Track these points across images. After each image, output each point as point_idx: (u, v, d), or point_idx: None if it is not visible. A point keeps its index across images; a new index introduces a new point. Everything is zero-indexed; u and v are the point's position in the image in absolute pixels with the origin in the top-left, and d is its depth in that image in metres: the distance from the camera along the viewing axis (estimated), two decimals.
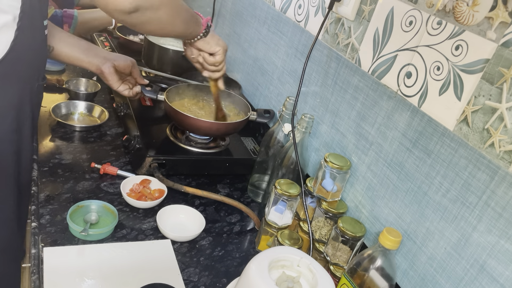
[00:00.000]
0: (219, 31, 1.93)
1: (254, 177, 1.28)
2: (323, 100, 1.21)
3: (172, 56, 1.65)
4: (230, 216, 1.18)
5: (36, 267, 0.89)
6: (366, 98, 1.06)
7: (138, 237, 1.03)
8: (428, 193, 0.88)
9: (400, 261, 0.94)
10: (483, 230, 0.77)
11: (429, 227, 0.87)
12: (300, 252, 0.77)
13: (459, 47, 0.83)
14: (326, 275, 0.74)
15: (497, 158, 0.75)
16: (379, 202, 1.00)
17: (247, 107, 1.40)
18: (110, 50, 1.91)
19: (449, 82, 0.84)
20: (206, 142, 1.34)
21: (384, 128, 1.00)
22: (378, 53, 1.03)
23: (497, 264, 0.74)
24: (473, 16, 0.80)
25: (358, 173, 1.07)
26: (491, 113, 0.76)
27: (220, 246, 1.07)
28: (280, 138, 1.22)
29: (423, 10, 0.91)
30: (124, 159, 1.29)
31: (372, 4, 1.05)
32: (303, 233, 1.07)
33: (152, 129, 1.35)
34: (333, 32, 1.19)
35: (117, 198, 1.14)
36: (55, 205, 1.06)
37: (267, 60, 1.52)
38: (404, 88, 0.95)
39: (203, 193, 1.14)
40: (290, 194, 1.02)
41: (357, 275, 0.86)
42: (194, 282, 0.95)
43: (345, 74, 1.13)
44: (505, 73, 0.74)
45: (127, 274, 0.93)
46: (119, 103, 1.49)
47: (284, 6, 1.43)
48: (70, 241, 0.98)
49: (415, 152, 0.91)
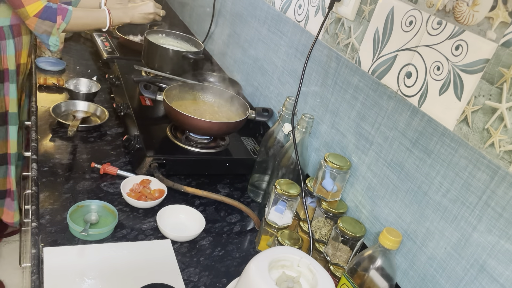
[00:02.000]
0: (219, 31, 1.93)
1: (254, 177, 1.28)
2: (323, 100, 1.21)
3: (172, 56, 1.66)
4: (230, 216, 1.19)
5: (36, 267, 0.89)
6: (366, 98, 1.06)
7: (138, 237, 1.04)
8: (428, 193, 0.88)
9: (400, 261, 0.94)
10: (483, 230, 0.77)
11: (429, 227, 0.87)
12: (300, 252, 0.77)
13: (459, 47, 0.83)
14: (326, 275, 0.74)
15: (497, 158, 0.75)
16: (379, 202, 1.00)
17: (246, 106, 1.40)
18: (110, 50, 1.92)
19: (449, 82, 0.84)
20: (206, 142, 1.34)
21: (384, 128, 1.00)
22: (378, 53, 1.03)
23: (497, 264, 0.75)
24: (473, 16, 0.80)
25: (358, 173, 1.07)
26: (491, 113, 0.76)
27: (220, 246, 1.07)
28: (280, 138, 1.22)
29: (423, 10, 0.91)
30: (124, 159, 1.29)
31: (372, 4, 1.05)
32: (303, 233, 1.07)
33: (152, 129, 1.35)
34: (333, 32, 1.19)
35: (117, 198, 1.14)
36: (55, 205, 1.06)
37: (267, 60, 1.52)
38: (404, 88, 0.95)
39: (203, 193, 1.14)
40: (290, 194, 1.02)
41: (357, 275, 0.86)
42: (194, 282, 0.95)
43: (345, 74, 1.13)
44: (505, 73, 0.74)
45: (127, 274, 0.93)
46: (119, 103, 1.49)
47: (284, 6, 1.43)
48: (70, 241, 0.98)
49: (415, 152, 0.91)
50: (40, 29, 1.26)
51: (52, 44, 1.33)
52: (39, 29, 1.27)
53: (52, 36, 1.30)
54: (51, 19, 1.25)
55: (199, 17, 2.21)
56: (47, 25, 1.26)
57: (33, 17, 1.23)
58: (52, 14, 1.25)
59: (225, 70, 1.84)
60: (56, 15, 1.27)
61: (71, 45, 2.00)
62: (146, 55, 1.71)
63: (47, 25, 1.26)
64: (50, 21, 1.26)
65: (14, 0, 1.21)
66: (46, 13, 1.24)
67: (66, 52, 1.91)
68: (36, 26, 1.25)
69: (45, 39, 1.31)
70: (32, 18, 1.23)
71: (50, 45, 1.34)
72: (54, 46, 1.35)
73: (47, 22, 1.25)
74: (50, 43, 1.32)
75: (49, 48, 1.35)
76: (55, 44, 1.34)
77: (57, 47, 1.36)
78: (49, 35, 1.29)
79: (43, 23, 1.25)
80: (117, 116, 1.50)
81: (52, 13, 1.25)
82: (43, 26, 1.26)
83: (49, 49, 1.37)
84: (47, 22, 1.25)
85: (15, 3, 1.21)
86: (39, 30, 1.27)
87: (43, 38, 1.31)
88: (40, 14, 1.24)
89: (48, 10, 1.24)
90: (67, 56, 1.87)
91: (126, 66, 1.70)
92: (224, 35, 1.88)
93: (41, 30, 1.27)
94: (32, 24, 1.25)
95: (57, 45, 1.36)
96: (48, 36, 1.29)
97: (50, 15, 1.25)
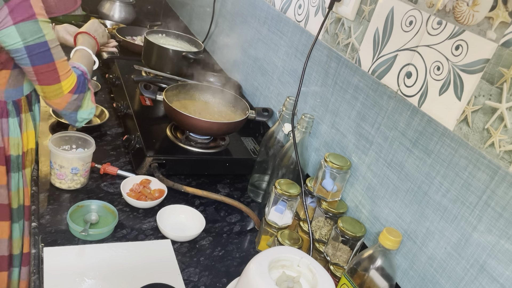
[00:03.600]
0: (219, 31, 1.93)
1: (254, 177, 1.28)
2: (323, 100, 1.21)
3: (172, 56, 1.66)
4: (230, 216, 1.18)
5: (36, 267, 0.89)
6: (366, 98, 1.06)
7: (138, 237, 1.03)
8: (428, 193, 0.88)
9: (400, 261, 0.94)
10: (483, 230, 0.77)
11: (429, 227, 0.87)
12: (300, 252, 0.77)
13: (459, 47, 0.83)
14: (326, 275, 0.74)
15: (497, 158, 0.75)
16: (379, 202, 1.00)
17: (246, 106, 1.40)
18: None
19: (449, 82, 0.84)
20: (206, 142, 1.34)
21: (384, 128, 1.00)
22: (378, 53, 1.03)
23: (497, 264, 0.74)
24: (473, 16, 0.80)
25: (358, 173, 1.07)
26: (491, 113, 0.76)
27: (220, 246, 1.07)
28: (280, 138, 1.22)
29: (423, 10, 0.91)
30: (124, 159, 1.29)
31: (372, 4, 1.05)
32: (303, 233, 1.07)
33: (152, 129, 1.35)
34: (333, 32, 1.19)
35: (117, 198, 1.14)
36: (55, 205, 1.06)
37: (267, 60, 1.52)
38: (404, 88, 0.95)
39: (203, 193, 1.14)
40: (290, 194, 1.02)
41: (357, 275, 0.86)
42: (194, 282, 0.95)
43: (345, 74, 1.13)
44: (505, 73, 0.74)
45: (127, 274, 0.93)
46: (119, 103, 1.49)
47: (284, 6, 1.43)
48: (70, 241, 0.98)
49: (415, 152, 0.91)
50: (72, 106, 0.99)
51: (81, 119, 1.05)
52: (70, 107, 0.99)
53: (82, 111, 1.04)
54: (83, 90, 1.00)
55: (199, 17, 2.21)
56: (79, 99, 1.00)
57: (68, 94, 0.96)
58: (85, 84, 1.00)
59: (225, 70, 1.84)
60: (87, 82, 1.02)
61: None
62: (146, 55, 1.71)
63: (79, 99, 1.00)
64: (83, 93, 1.00)
65: (46, 73, 0.92)
66: (80, 85, 0.99)
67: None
68: (68, 105, 0.98)
69: (74, 116, 1.03)
70: (67, 95, 0.96)
71: (78, 121, 1.05)
72: (82, 121, 1.06)
73: (81, 95, 1.00)
74: (79, 119, 1.05)
75: (74, 125, 1.07)
76: (85, 118, 1.06)
77: (86, 120, 1.07)
78: (77, 110, 1.02)
79: (77, 98, 0.99)
80: (117, 116, 1.50)
81: (84, 83, 1.00)
82: (76, 102, 1.00)
83: (74, 125, 1.07)
84: (81, 95, 1.00)
85: (48, 78, 0.93)
86: (71, 107, 0.99)
87: (71, 116, 1.03)
88: (75, 89, 0.97)
89: (80, 80, 0.99)
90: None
91: (126, 66, 1.70)
92: (224, 35, 1.88)
93: (73, 107, 1.00)
94: (64, 102, 0.97)
95: (88, 118, 1.07)
96: (76, 112, 1.02)
97: (83, 86, 1.00)
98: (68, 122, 1.06)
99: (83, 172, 1.12)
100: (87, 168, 1.13)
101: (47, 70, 0.92)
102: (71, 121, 1.05)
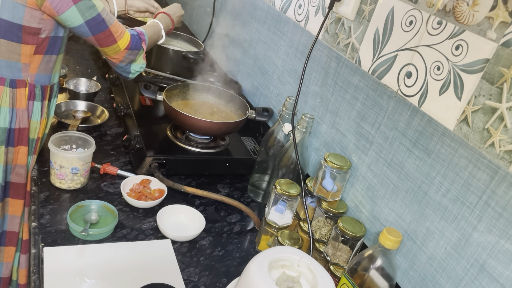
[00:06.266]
0: (219, 31, 1.93)
1: (254, 177, 1.28)
2: (323, 100, 1.21)
3: (172, 56, 1.66)
4: (230, 216, 1.18)
5: (36, 267, 0.89)
6: (366, 98, 1.06)
7: (138, 237, 1.03)
8: (428, 193, 0.88)
9: (400, 261, 0.94)
10: (483, 230, 0.77)
11: (429, 227, 0.87)
12: (300, 252, 0.77)
13: (459, 47, 0.83)
14: (326, 275, 0.74)
15: (497, 158, 0.75)
16: (379, 202, 1.00)
17: (246, 106, 1.40)
18: None
19: (449, 82, 0.84)
20: (206, 142, 1.34)
21: (384, 128, 1.00)
22: (378, 53, 1.03)
23: (497, 264, 0.74)
24: (473, 16, 0.80)
25: (358, 173, 1.07)
26: (491, 113, 0.76)
27: (220, 246, 1.07)
28: (280, 138, 1.22)
29: (423, 10, 0.91)
30: (124, 159, 1.29)
31: (372, 4, 1.05)
32: (303, 233, 1.07)
33: (152, 129, 1.35)
34: (333, 32, 1.19)
35: (117, 198, 1.14)
36: (55, 205, 1.06)
37: (267, 60, 1.52)
38: (404, 88, 0.95)
39: (203, 193, 1.14)
40: (290, 194, 1.02)
41: (357, 275, 0.86)
42: (194, 282, 0.95)
43: (345, 74, 1.13)
44: (505, 73, 0.74)
45: (127, 274, 0.93)
46: (119, 103, 1.49)
47: (284, 6, 1.43)
48: (70, 241, 0.98)
49: (415, 152, 0.91)
50: (127, 59, 1.16)
51: (134, 71, 1.21)
52: (126, 60, 1.16)
53: (135, 64, 1.20)
54: (137, 48, 1.17)
55: (199, 17, 2.21)
56: (134, 54, 1.17)
57: (124, 50, 1.13)
58: (138, 42, 1.17)
59: (225, 70, 1.84)
60: (141, 41, 1.19)
61: (71, 45, 2.00)
62: (146, 55, 1.71)
63: (134, 54, 1.17)
64: (137, 50, 1.18)
65: (105, 38, 1.09)
66: (134, 42, 1.16)
67: (66, 52, 1.90)
68: (124, 58, 1.15)
69: (128, 68, 1.19)
70: (123, 51, 1.13)
71: (131, 72, 1.21)
72: (135, 73, 1.22)
73: (135, 51, 1.17)
74: (132, 70, 1.20)
75: (127, 76, 1.22)
76: (137, 71, 1.22)
77: (138, 73, 1.23)
78: (131, 63, 1.19)
79: (131, 53, 1.16)
80: (117, 116, 1.50)
81: (138, 41, 1.17)
82: (130, 56, 1.17)
83: (128, 77, 1.22)
84: (135, 51, 1.17)
85: (106, 41, 1.09)
86: (126, 60, 1.17)
87: (126, 68, 1.19)
88: (130, 46, 1.15)
89: (134, 39, 1.16)
90: (67, 56, 1.87)
91: None
92: (224, 35, 1.88)
93: (128, 60, 1.17)
94: (121, 57, 1.14)
95: (139, 71, 1.23)
96: (130, 64, 1.19)
97: (137, 44, 1.17)
98: (122, 74, 1.21)
99: (83, 172, 1.12)
100: (87, 168, 1.14)
101: (104, 36, 1.08)
102: (125, 73, 1.21)
